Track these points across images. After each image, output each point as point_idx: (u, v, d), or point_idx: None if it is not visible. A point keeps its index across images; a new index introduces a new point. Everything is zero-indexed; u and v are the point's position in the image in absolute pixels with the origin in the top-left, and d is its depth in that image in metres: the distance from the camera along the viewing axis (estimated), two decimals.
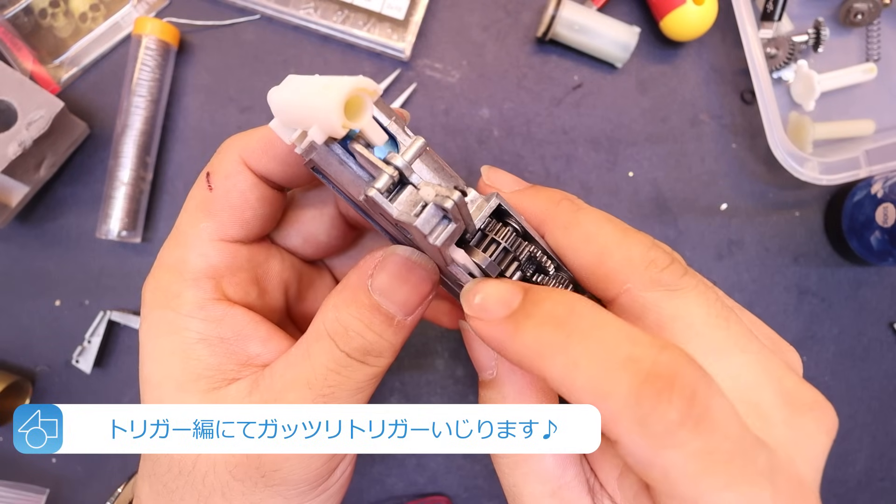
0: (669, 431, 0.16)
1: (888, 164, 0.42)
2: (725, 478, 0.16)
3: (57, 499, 0.45)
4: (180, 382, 0.21)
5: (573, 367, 0.17)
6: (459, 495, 0.44)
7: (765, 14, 0.45)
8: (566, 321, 0.17)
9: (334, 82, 0.17)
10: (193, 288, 0.22)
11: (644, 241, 0.20)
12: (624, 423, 0.16)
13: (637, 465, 0.17)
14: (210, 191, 0.23)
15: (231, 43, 0.46)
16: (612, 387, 0.16)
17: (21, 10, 0.45)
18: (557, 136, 0.46)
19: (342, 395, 0.21)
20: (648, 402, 0.16)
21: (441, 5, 0.47)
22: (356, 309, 0.22)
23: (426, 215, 0.18)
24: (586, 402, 0.16)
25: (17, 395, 0.44)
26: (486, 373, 0.23)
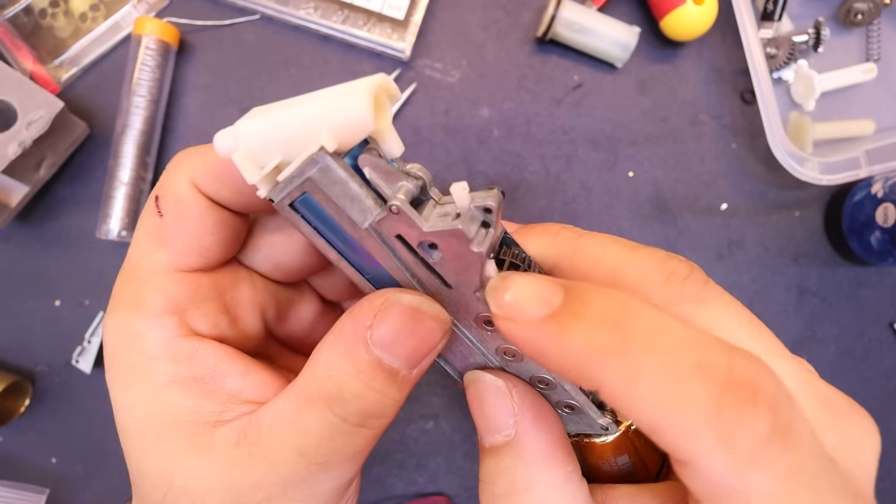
0: (758, 447, 0.14)
1: (888, 164, 0.42)
2: (813, 499, 0.14)
3: (57, 499, 0.45)
4: (160, 431, 0.19)
5: (635, 375, 0.14)
6: (459, 495, 0.44)
7: (765, 14, 0.45)
8: (622, 322, 0.15)
9: (353, 83, 0.16)
10: (155, 327, 0.20)
11: (656, 255, 0.19)
12: (703, 438, 0.14)
13: (712, 491, 0.14)
14: (160, 217, 0.20)
15: (231, 43, 0.46)
16: (687, 396, 0.14)
17: (21, 10, 0.45)
18: (557, 136, 0.46)
19: (338, 460, 0.19)
20: (732, 414, 0.14)
21: (441, 5, 0.47)
22: (353, 366, 0.19)
23: (466, 220, 0.15)
24: (651, 414, 0.14)
25: (17, 396, 0.44)
26: (499, 434, 0.20)
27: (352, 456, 0.20)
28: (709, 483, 0.14)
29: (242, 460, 0.19)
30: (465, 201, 0.16)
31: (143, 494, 0.20)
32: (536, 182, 0.46)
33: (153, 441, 0.20)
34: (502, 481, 0.19)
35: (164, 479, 0.19)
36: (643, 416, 0.14)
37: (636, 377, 0.14)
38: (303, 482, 0.19)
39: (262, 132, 0.16)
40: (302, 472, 0.19)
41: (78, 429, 0.45)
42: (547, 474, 0.19)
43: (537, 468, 0.19)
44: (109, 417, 0.48)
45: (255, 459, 0.19)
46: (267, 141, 0.16)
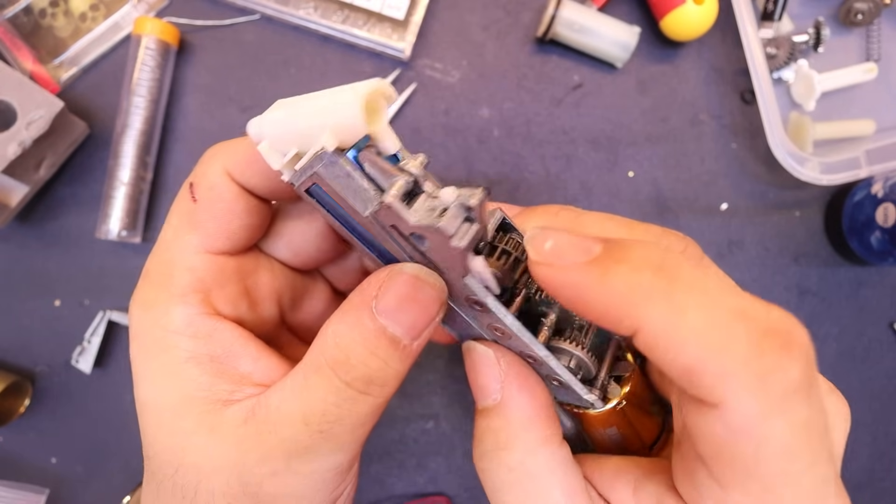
0: (787, 394, 0.14)
1: (888, 164, 0.42)
2: (813, 458, 0.15)
3: (57, 499, 0.45)
4: (174, 406, 0.21)
5: (679, 314, 0.15)
6: (459, 495, 0.44)
7: (765, 14, 0.45)
8: (665, 266, 0.16)
9: (351, 86, 0.17)
10: (181, 304, 0.21)
11: (652, 229, 0.20)
12: (740, 379, 0.14)
13: (731, 436, 0.15)
14: (194, 202, 0.22)
15: (231, 43, 0.46)
16: (729, 337, 0.14)
17: (21, 10, 0.45)
18: (557, 136, 0.46)
19: (341, 430, 0.20)
20: (772, 358, 0.14)
21: (441, 5, 0.47)
22: (359, 333, 0.20)
23: (450, 215, 0.17)
24: (692, 353, 0.15)
25: (17, 396, 0.44)
26: (489, 398, 0.21)
27: (354, 428, 0.20)
28: (731, 426, 0.15)
29: (249, 437, 0.20)
30: (450, 198, 0.17)
31: (154, 469, 0.21)
32: (536, 182, 0.46)
33: (169, 416, 0.21)
34: (488, 439, 0.21)
35: (176, 454, 0.20)
36: (682, 356, 0.15)
37: (680, 316, 0.15)
38: (306, 452, 0.20)
39: (280, 125, 0.19)
40: (305, 440, 0.20)
41: (78, 429, 0.45)
42: (527, 435, 0.20)
43: (518, 429, 0.21)
44: (109, 417, 0.48)
45: (261, 436, 0.20)
46: (284, 133, 0.18)
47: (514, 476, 0.20)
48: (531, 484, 0.20)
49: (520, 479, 0.20)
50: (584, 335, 0.21)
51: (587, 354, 0.21)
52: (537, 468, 0.20)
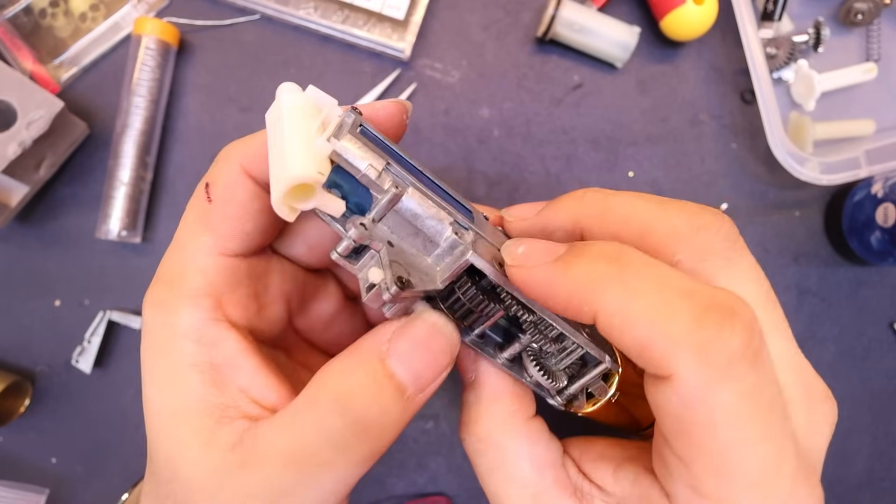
0: (730, 362, 0.16)
1: (888, 164, 0.42)
2: (764, 429, 0.16)
3: (57, 499, 0.45)
4: (174, 412, 0.21)
5: (630, 295, 0.16)
6: (459, 495, 0.44)
7: (765, 14, 0.45)
8: (619, 257, 0.17)
9: (278, 166, 0.18)
10: (190, 306, 0.21)
11: (687, 208, 0.20)
12: (683, 349, 0.16)
13: (684, 407, 0.16)
14: (209, 202, 0.22)
15: (231, 43, 0.46)
16: (674, 311, 0.16)
17: (21, 10, 0.45)
18: (557, 136, 0.46)
19: (328, 478, 0.19)
20: (712, 328, 0.16)
21: (441, 5, 0.47)
22: (365, 374, 0.19)
23: (374, 294, 0.18)
24: (642, 329, 0.16)
25: (17, 396, 0.44)
26: (467, 376, 0.23)
27: (342, 478, 0.20)
28: (682, 397, 0.16)
29: (235, 468, 0.19)
30: (374, 279, 0.18)
31: (155, 470, 0.21)
32: (536, 182, 0.46)
33: (169, 421, 0.21)
34: (465, 413, 0.23)
35: (173, 462, 0.20)
36: (634, 333, 0.16)
37: (632, 297, 0.16)
38: (287, 496, 0.19)
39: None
40: (289, 484, 0.19)
41: (78, 429, 0.45)
42: (494, 409, 0.22)
43: (487, 403, 0.22)
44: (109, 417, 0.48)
45: (245, 469, 0.19)
46: None
47: (482, 446, 0.22)
48: (498, 453, 0.21)
49: (488, 449, 0.22)
50: (555, 359, 0.23)
51: (545, 378, 0.22)
52: (504, 439, 0.22)
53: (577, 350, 0.23)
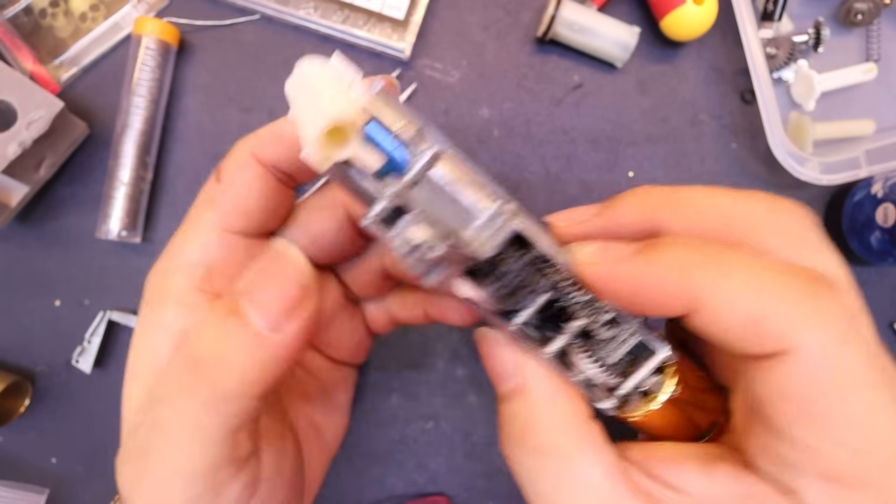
0: (850, 324, 0.16)
1: (888, 164, 0.42)
2: (888, 383, 0.16)
3: (57, 499, 0.45)
4: (141, 375, 0.21)
5: (733, 273, 0.16)
6: (459, 495, 0.44)
7: (765, 14, 0.45)
8: (708, 243, 0.17)
9: (314, 109, 0.16)
10: (184, 274, 0.22)
11: (765, 197, 0.20)
12: (803, 317, 0.15)
13: (810, 376, 0.16)
14: (219, 183, 0.23)
15: (231, 43, 0.46)
16: (784, 283, 0.16)
17: (21, 10, 0.45)
18: (557, 136, 0.46)
19: (166, 412, 0.19)
20: (826, 295, 0.16)
21: (441, 5, 0.47)
22: (211, 313, 0.19)
23: (416, 257, 0.16)
24: (753, 304, 0.16)
25: (17, 396, 0.44)
26: (508, 382, 0.20)
27: (185, 411, 0.18)
28: (807, 366, 0.16)
29: None
30: (415, 240, 0.17)
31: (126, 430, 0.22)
32: (536, 182, 0.46)
33: (137, 384, 0.21)
34: (514, 425, 0.20)
35: (136, 419, 0.21)
36: (741, 312, 0.16)
37: (733, 275, 0.16)
38: (141, 427, 0.20)
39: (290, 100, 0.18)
40: (147, 426, 0.19)
41: (78, 429, 0.45)
42: (553, 413, 0.20)
43: (543, 409, 0.20)
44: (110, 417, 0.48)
45: None
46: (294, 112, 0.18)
47: (545, 460, 0.19)
48: (565, 465, 0.19)
49: (552, 463, 0.19)
50: (607, 349, 0.20)
51: (600, 370, 0.20)
52: (569, 447, 0.19)
53: (631, 339, 0.20)
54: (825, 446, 0.16)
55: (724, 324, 0.16)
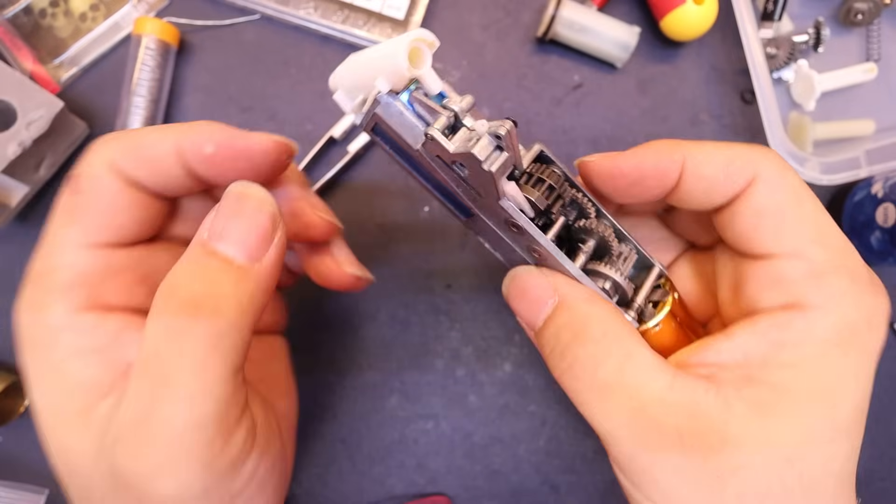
0: (787, 164, 0.22)
1: (888, 164, 0.42)
2: (817, 203, 0.21)
3: (56, 499, 0.45)
4: (56, 403, 0.20)
5: (705, 144, 0.22)
6: (460, 495, 0.44)
7: (765, 14, 0.45)
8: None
9: (398, 38, 0.20)
10: (62, 300, 0.20)
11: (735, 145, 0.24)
12: (763, 154, 0.21)
13: (771, 188, 0.21)
14: (76, 194, 0.21)
15: (231, 43, 0.46)
16: (742, 145, 0.22)
17: (21, 10, 0.45)
18: (557, 135, 0.46)
19: (180, 374, 0.18)
20: (770, 150, 0.22)
21: (441, 5, 0.47)
22: (187, 260, 0.19)
23: (482, 143, 0.19)
24: (728, 151, 0.21)
25: (17, 396, 0.44)
26: (544, 307, 0.22)
27: (198, 369, 0.18)
28: (769, 182, 0.21)
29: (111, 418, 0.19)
30: (482, 129, 0.20)
31: (59, 476, 0.20)
32: None
33: (50, 415, 0.20)
34: (565, 334, 0.22)
35: (64, 457, 0.20)
36: (721, 156, 0.21)
37: (706, 144, 0.22)
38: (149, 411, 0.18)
39: (347, 76, 0.22)
40: (146, 392, 0.18)
41: None
42: (598, 311, 0.22)
43: (588, 309, 0.22)
44: None
45: (117, 412, 0.19)
46: (351, 81, 0.22)
47: (605, 347, 0.21)
48: (623, 347, 0.21)
49: (612, 347, 0.21)
50: (621, 261, 0.23)
51: (623, 278, 0.23)
52: (621, 333, 0.21)
53: (633, 255, 0.24)
54: (803, 245, 0.20)
55: (706, 174, 0.21)
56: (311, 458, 0.44)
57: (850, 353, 0.20)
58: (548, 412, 0.44)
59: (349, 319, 0.45)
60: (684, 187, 0.22)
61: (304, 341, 0.45)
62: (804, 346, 0.20)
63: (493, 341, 0.45)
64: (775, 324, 0.20)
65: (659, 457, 0.20)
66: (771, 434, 0.19)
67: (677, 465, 0.19)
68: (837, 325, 0.20)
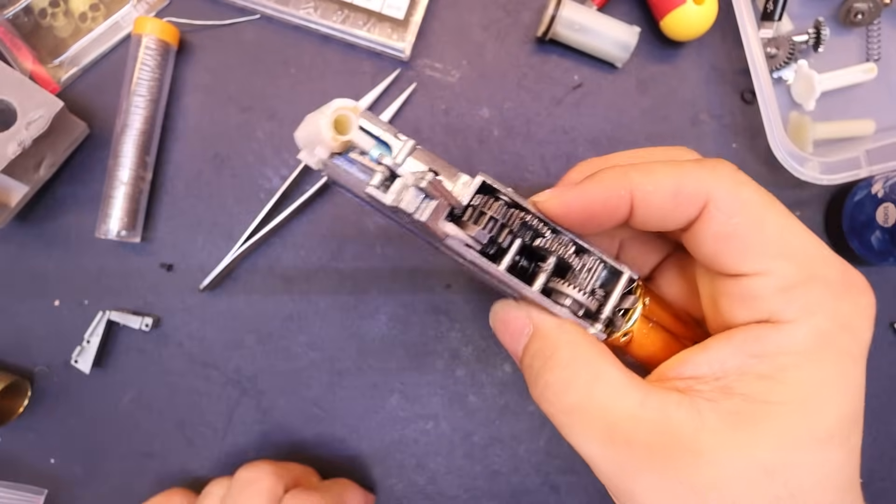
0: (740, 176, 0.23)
1: (888, 164, 0.42)
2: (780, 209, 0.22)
3: (55, 499, 0.45)
4: None
5: (654, 169, 0.22)
6: (459, 496, 0.44)
7: (765, 14, 0.45)
8: (633, 164, 0.23)
9: (322, 109, 0.22)
10: None
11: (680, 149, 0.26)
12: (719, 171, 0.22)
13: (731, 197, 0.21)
14: None
15: (231, 43, 0.46)
16: (691, 165, 0.22)
17: (21, 9, 0.45)
18: (557, 135, 0.46)
19: None
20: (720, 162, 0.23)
21: (441, 5, 0.47)
22: None
23: (409, 197, 0.20)
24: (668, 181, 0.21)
25: (16, 396, 0.44)
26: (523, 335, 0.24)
27: None
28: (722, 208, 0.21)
29: None
30: (408, 181, 0.21)
31: None
32: (536, 182, 0.46)
33: None
34: (538, 358, 0.23)
35: None
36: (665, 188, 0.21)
37: (654, 169, 0.22)
38: None
39: (303, 136, 0.23)
40: None
41: (77, 429, 0.45)
42: (566, 336, 0.23)
43: (557, 335, 0.23)
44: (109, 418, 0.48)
45: None
46: (306, 141, 0.23)
47: (573, 370, 0.22)
48: (592, 368, 0.21)
49: (580, 370, 0.22)
50: (585, 275, 0.24)
51: (582, 294, 0.23)
52: (589, 355, 0.22)
53: (599, 266, 0.24)
54: (768, 263, 0.20)
55: (655, 204, 0.21)
56: (311, 458, 0.44)
57: (827, 361, 0.20)
58: None
59: (349, 319, 0.45)
60: (637, 217, 0.22)
61: (304, 341, 0.45)
62: (779, 358, 0.20)
63: (493, 341, 0.45)
64: (750, 337, 0.21)
65: (636, 475, 0.20)
66: (744, 445, 0.19)
67: (654, 482, 0.19)
68: (811, 336, 0.20)
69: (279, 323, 0.44)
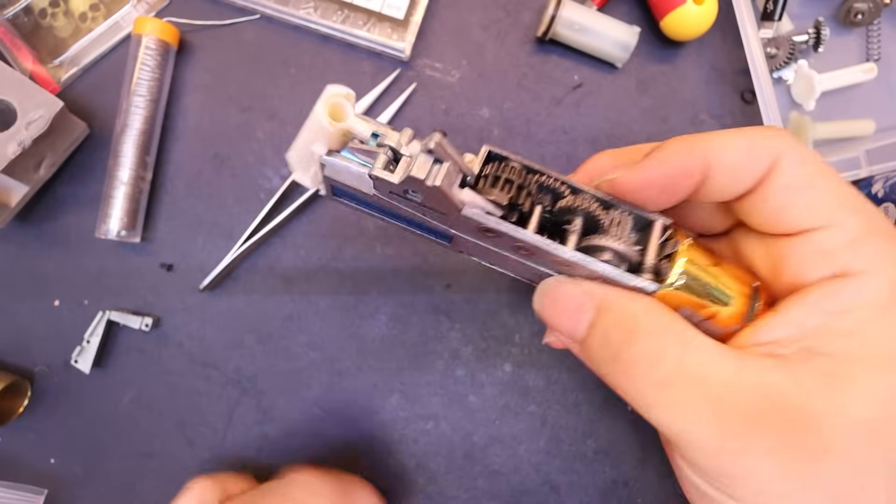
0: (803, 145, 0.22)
1: (888, 164, 0.42)
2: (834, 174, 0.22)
3: (55, 499, 0.45)
4: None
5: (723, 134, 0.22)
6: (459, 496, 0.44)
7: (765, 14, 0.45)
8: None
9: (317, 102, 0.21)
10: None
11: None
12: (778, 139, 0.21)
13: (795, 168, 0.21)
14: None
15: (231, 43, 0.46)
16: (760, 129, 0.22)
17: (21, 9, 0.45)
18: (557, 135, 0.46)
19: None
20: (785, 131, 0.22)
21: (441, 5, 0.47)
22: None
23: (419, 163, 0.20)
24: (742, 141, 0.21)
25: (16, 396, 0.44)
26: (587, 312, 0.22)
27: None
28: (792, 162, 0.21)
29: None
30: (415, 150, 0.20)
31: None
32: None
33: None
34: (615, 334, 0.21)
35: None
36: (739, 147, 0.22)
37: (724, 134, 0.22)
38: None
39: (295, 155, 0.23)
40: None
41: (77, 429, 0.45)
42: (644, 306, 0.21)
43: (634, 307, 0.21)
44: (109, 418, 0.48)
45: None
46: (299, 158, 0.23)
47: (662, 339, 0.20)
48: (681, 336, 0.20)
49: (670, 338, 0.20)
50: (616, 228, 0.22)
51: (622, 244, 0.21)
52: (675, 323, 0.21)
53: (629, 218, 0.22)
54: (837, 214, 0.20)
55: (731, 162, 0.21)
56: (311, 458, 0.44)
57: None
58: (548, 412, 0.44)
59: (349, 319, 0.44)
60: (711, 180, 0.21)
61: (304, 341, 0.45)
62: (858, 312, 0.19)
63: (493, 341, 0.45)
64: (825, 294, 0.20)
65: (745, 447, 0.18)
66: (846, 405, 0.18)
67: (765, 452, 0.18)
68: (886, 286, 0.20)
69: (279, 323, 0.44)
